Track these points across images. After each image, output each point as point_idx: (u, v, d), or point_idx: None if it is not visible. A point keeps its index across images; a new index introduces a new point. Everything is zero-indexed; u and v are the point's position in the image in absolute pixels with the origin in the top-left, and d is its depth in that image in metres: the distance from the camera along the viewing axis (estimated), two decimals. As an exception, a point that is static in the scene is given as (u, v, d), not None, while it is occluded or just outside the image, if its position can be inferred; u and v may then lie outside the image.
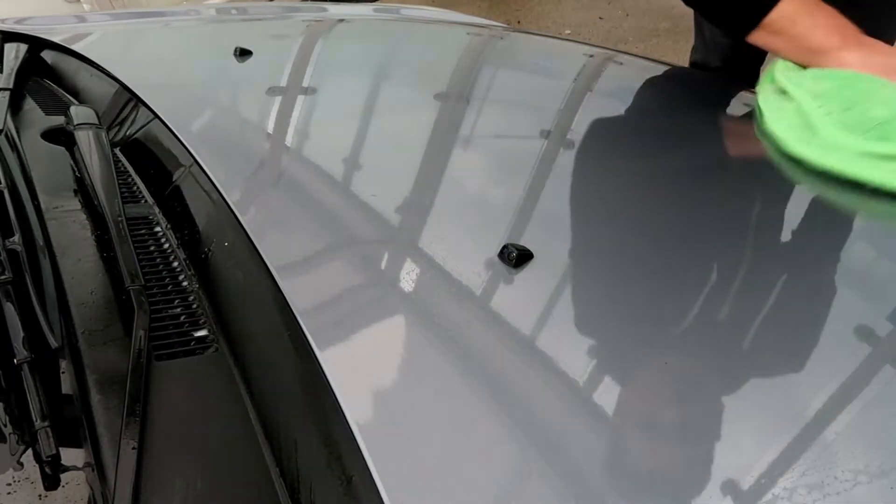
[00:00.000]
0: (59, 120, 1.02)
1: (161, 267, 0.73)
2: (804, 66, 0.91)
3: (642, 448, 0.48)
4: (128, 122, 1.02)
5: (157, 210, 0.83)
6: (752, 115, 0.97)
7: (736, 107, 1.12)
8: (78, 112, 0.80)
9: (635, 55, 1.48)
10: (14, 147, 0.91)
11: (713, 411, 0.52)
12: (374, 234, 0.73)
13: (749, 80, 1.45)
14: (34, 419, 0.54)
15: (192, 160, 0.81)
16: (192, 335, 0.64)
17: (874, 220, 0.77)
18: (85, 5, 3.08)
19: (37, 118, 1.05)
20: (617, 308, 0.61)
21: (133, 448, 0.51)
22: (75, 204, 0.84)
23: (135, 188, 0.89)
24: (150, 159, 0.93)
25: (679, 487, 0.45)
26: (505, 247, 0.66)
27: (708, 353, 0.57)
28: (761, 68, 1.53)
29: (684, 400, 0.53)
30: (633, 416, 0.50)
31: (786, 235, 0.72)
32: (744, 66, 1.55)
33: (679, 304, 0.63)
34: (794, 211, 0.77)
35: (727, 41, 1.60)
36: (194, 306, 0.68)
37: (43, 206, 0.81)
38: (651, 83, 1.26)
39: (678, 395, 0.53)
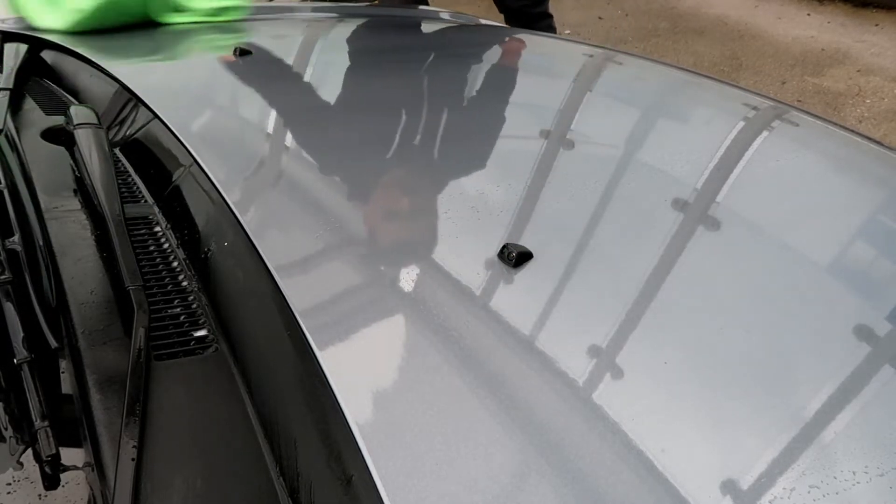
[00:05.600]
0: (58, 120, 1.02)
1: (161, 267, 0.73)
2: None
3: (642, 447, 0.48)
4: (128, 122, 1.02)
5: (156, 210, 0.83)
6: None
7: None
8: (78, 112, 0.79)
9: (635, 55, 1.48)
10: (14, 147, 0.91)
11: (713, 411, 0.52)
12: (374, 235, 0.73)
13: None
14: (34, 419, 0.54)
15: (192, 160, 0.81)
16: (192, 335, 0.64)
17: None
18: (85, 5, 3.08)
19: (37, 118, 1.05)
20: (616, 307, 0.61)
21: (133, 447, 0.51)
22: (75, 204, 0.84)
23: (135, 188, 0.89)
24: (149, 159, 0.93)
25: (679, 487, 0.45)
26: (505, 247, 0.66)
27: (707, 353, 0.57)
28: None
29: (684, 399, 0.53)
30: (633, 416, 0.50)
31: None
32: None
33: (677, 305, 0.63)
34: None
35: None
36: (194, 306, 0.68)
37: (43, 206, 0.81)
38: (653, 83, 1.26)
39: (677, 395, 0.53)
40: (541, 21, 2.26)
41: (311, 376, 0.54)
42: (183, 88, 1.08)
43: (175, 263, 0.74)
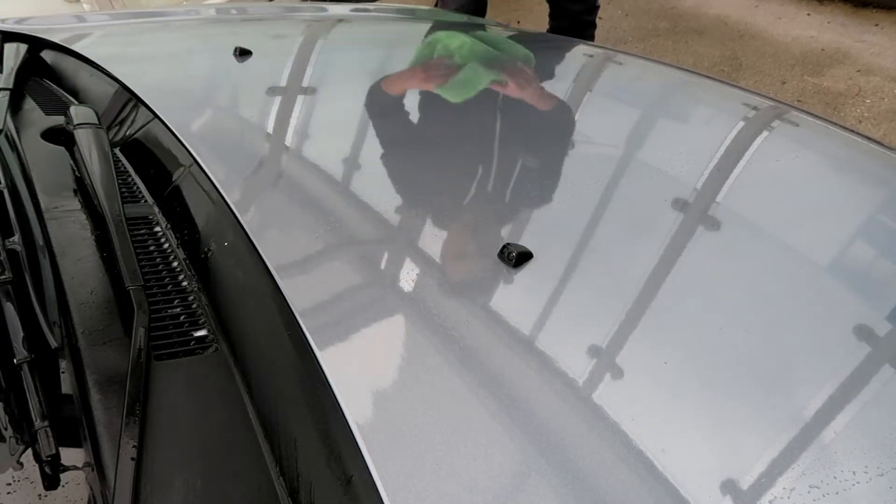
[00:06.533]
0: (59, 120, 1.02)
1: (161, 267, 0.73)
2: None
3: (642, 447, 0.48)
4: (128, 122, 1.02)
5: (156, 210, 0.83)
6: None
7: None
8: (78, 112, 0.79)
9: (635, 55, 1.48)
10: (14, 147, 0.91)
11: (713, 411, 0.52)
12: (374, 235, 0.73)
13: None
14: (34, 419, 0.54)
15: (192, 160, 0.81)
16: (192, 335, 0.64)
17: None
18: (85, 5, 3.08)
19: (37, 118, 1.05)
20: (616, 307, 0.61)
21: (133, 447, 0.51)
22: (75, 204, 0.84)
23: (135, 188, 0.88)
24: (149, 159, 0.93)
25: (679, 487, 0.45)
26: (505, 246, 0.66)
27: (707, 353, 0.57)
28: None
29: (684, 399, 0.53)
30: (633, 416, 0.50)
31: None
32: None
33: (677, 305, 0.63)
34: None
35: None
36: (194, 306, 0.68)
37: (43, 206, 0.81)
38: (653, 83, 1.26)
39: (677, 395, 0.53)
40: (588, 29, 2.34)
41: (311, 376, 0.54)
42: (183, 88, 1.08)
43: (175, 263, 0.74)
